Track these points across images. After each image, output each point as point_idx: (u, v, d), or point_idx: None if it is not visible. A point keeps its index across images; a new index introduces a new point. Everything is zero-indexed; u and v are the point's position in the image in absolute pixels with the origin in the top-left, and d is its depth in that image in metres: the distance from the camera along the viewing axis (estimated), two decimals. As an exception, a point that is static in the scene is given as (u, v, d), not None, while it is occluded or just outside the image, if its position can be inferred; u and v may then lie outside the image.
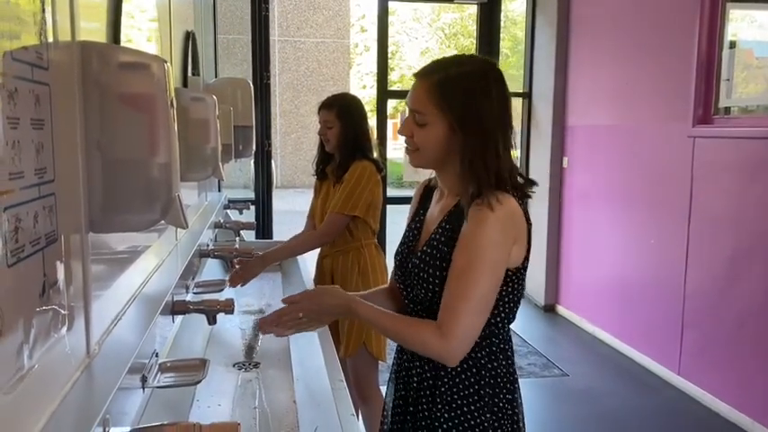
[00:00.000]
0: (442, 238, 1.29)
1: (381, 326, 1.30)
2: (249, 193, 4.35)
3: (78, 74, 0.80)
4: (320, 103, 2.54)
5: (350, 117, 2.46)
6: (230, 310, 1.60)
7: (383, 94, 5.06)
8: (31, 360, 0.65)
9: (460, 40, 20.48)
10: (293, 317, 1.29)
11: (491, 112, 1.24)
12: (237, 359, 1.88)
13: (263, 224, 4.13)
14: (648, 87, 4.03)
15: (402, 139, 1.33)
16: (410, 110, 1.29)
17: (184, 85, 2.06)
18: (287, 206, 9.48)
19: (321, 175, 2.62)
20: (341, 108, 2.46)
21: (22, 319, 0.63)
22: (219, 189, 3.37)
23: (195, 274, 1.94)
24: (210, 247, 2.25)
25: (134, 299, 1.13)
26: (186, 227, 0.94)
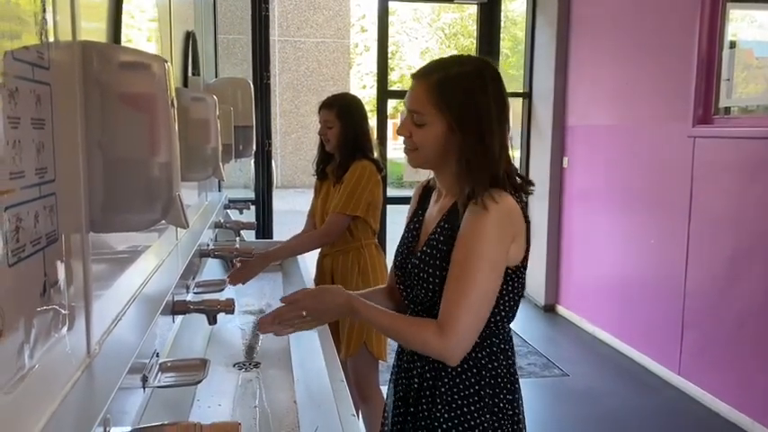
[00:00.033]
0: (440, 238, 1.29)
1: (382, 325, 1.29)
2: (249, 193, 4.35)
3: (79, 73, 0.80)
4: (320, 103, 2.54)
5: (350, 117, 2.46)
6: (231, 310, 1.60)
7: (383, 94, 5.06)
8: (31, 360, 0.65)
9: (460, 40, 20.47)
10: (296, 315, 1.28)
11: (489, 112, 1.24)
12: (238, 359, 1.88)
13: (263, 224, 4.12)
14: (648, 87, 4.03)
15: (402, 139, 1.33)
16: (408, 110, 1.29)
17: (185, 85, 2.07)
18: (287, 206, 9.48)
19: (321, 174, 2.62)
20: (341, 108, 2.46)
21: (22, 318, 0.63)
22: (220, 189, 3.37)
23: (196, 274, 1.94)
24: (211, 247, 2.25)
25: (134, 299, 1.13)
26: (187, 226, 0.94)
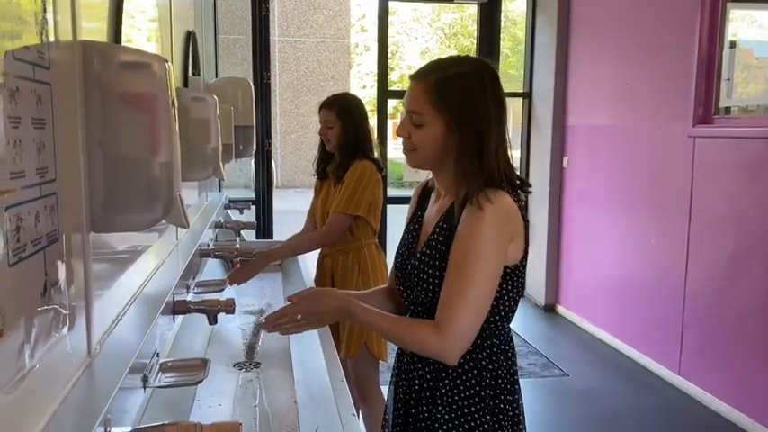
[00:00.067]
0: (439, 239, 1.29)
1: (380, 327, 1.29)
2: (249, 193, 4.35)
3: (80, 73, 0.80)
4: (321, 103, 2.54)
5: (350, 117, 2.46)
6: (231, 310, 1.60)
7: (383, 94, 5.06)
8: (32, 359, 0.65)
9: (460, 40, 20.47)
10: (291, 318, 1.29)
11: (487, 112, 1.25)
12: (238, 359, 1.88)
13: (263, 224, 4.12)
14: (649, 87, 4.03)
15: (402, 139, 1.33)
16: (407, 111, 1.29)
17: (185, 84, 2.07)
18: (287, 206, 9.47)
19: (322, 174, 2.62)
20: (341, 108, 2.46)
21: (23, 318, 0.63)
22: (220, 189, 3.37)
23: (196, 274, 1.94)
24: (211, 247, 2.25)
25: (135, 298, 1.13)
26: (187, 226, 0.94)
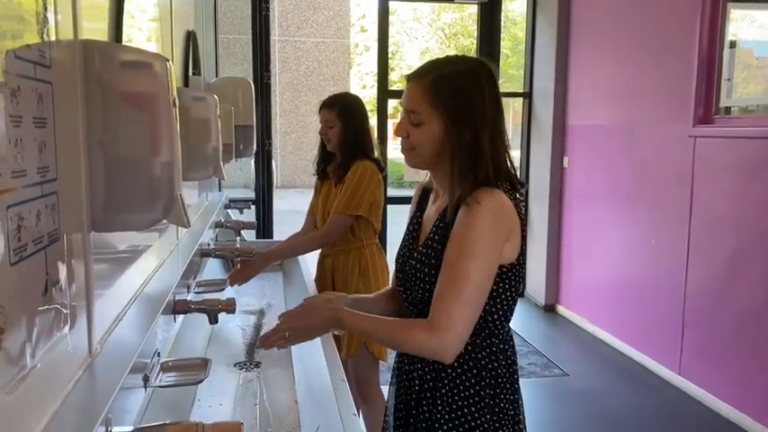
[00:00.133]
0: (436, 238, 1.29)
1: (373, 332, 1.29)
2: (249, 193, 4.34)
3: (81, 72, 0.80)
4: (321, 103, 2.53)
5: (351, 116, 2.46)
6: (232, 310, 1.60)
7: (383, 94, 5.07)
8: (33, 359, 0.65)
9: (460, 40, 20.46)
10: (280, 336, 1.30)
11: (484, 111, 1.25)
12: (239, 359, 1.88)
13: (263, 224, 4.12)
14: (649, 87, 4.03)
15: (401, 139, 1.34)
16: (405, 110, 1.29)
17: (186, 84, 2.07)
18: (287, 206, 9.47)
19: (322, 174, 2.62)
20: (342, 107, 2.46)
21: (24, 317, 0.63)
22: (220, 189, 3.37)
23: (196, 274, 1.94)
24: (211, 247, 2.25)
25: (136, 298, 1.13)
26: (188, 226, 0.94)
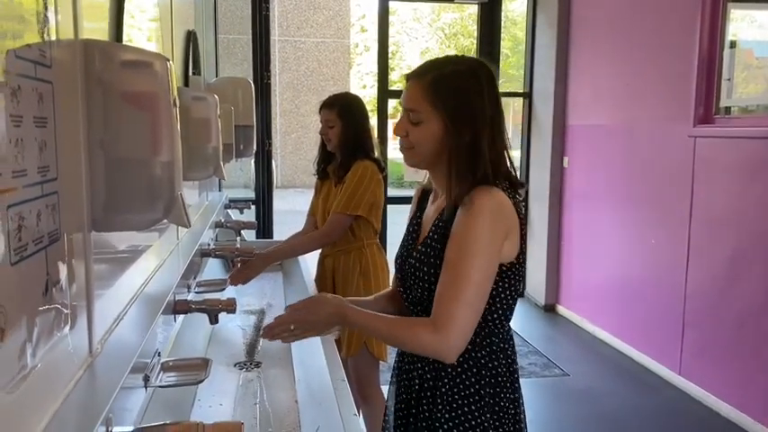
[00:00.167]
0: (435, 236, 1.29)
1: (376, 330, 1.29)
2: (249, 193, 4.34)
3: (81, 72, 0.80)
4: (322, 103, 2.53)
5: (351, 116, 2.46)
6: (232, 310, 1.60)
7: (384, 94, 5.07)
8: (34, 359, 0.65)
9: (460, 40, 20.46)
10: (284, 329, 1.29)
11: (483, 111, 1.25)
12: (239, 359, 1.88)
13: (263, 224, 4.12)
14: (649, 87, 4.03)
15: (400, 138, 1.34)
16: (404, 109, 1.29)
17: (186, 84, 2.06)
18: (287, 206, 9.47)
19: (322, 174, 2.62)
20: (342, 107, 2.46)
21: (25, 317, 0.63)
22: (220, 188, 3.37)
23: (197, 274, 1.94)
24: (212, 247, 2.25)
25: (136, 298, 1.13)
26: (189, 225, 0.94)
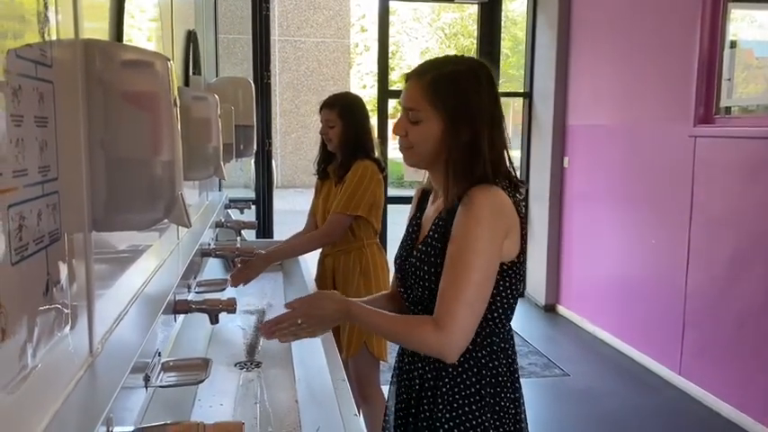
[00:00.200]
0: (435, 235, 1.29)
1: (379, 327, 1.30)
2: (250, 193, 4.35)
3: (82, 71, 0.80)
4: (322, 102, 2.53)
5: (352, 116, 2.46)
6: (232, 310, 1.60)
7: (384, 94, 5.06)
8: (34, 359, 0.65)
9: (460, 40, 20.46)
10: (292, 323, 1.28)
11: (482, 111, 1.25)
12: (239, 359, 1.88)
13: (263, 224, 4.13)
14: (649, 87, 4.03)
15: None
16: (404, 108, 1.29)
17: (186, 84, 2.06)
18: (287, 206, 9.48)
19: (323, 174, 2.61)
20: (343, 107, 2.46)
21: (25, 317, 0.63)
22: (220, 188, 3.37)
23: (197, 274, 1.94)
24: (212, 247, 2.25)
25: (136, 298, 1.13)
26: (189, 225, 0.94)
